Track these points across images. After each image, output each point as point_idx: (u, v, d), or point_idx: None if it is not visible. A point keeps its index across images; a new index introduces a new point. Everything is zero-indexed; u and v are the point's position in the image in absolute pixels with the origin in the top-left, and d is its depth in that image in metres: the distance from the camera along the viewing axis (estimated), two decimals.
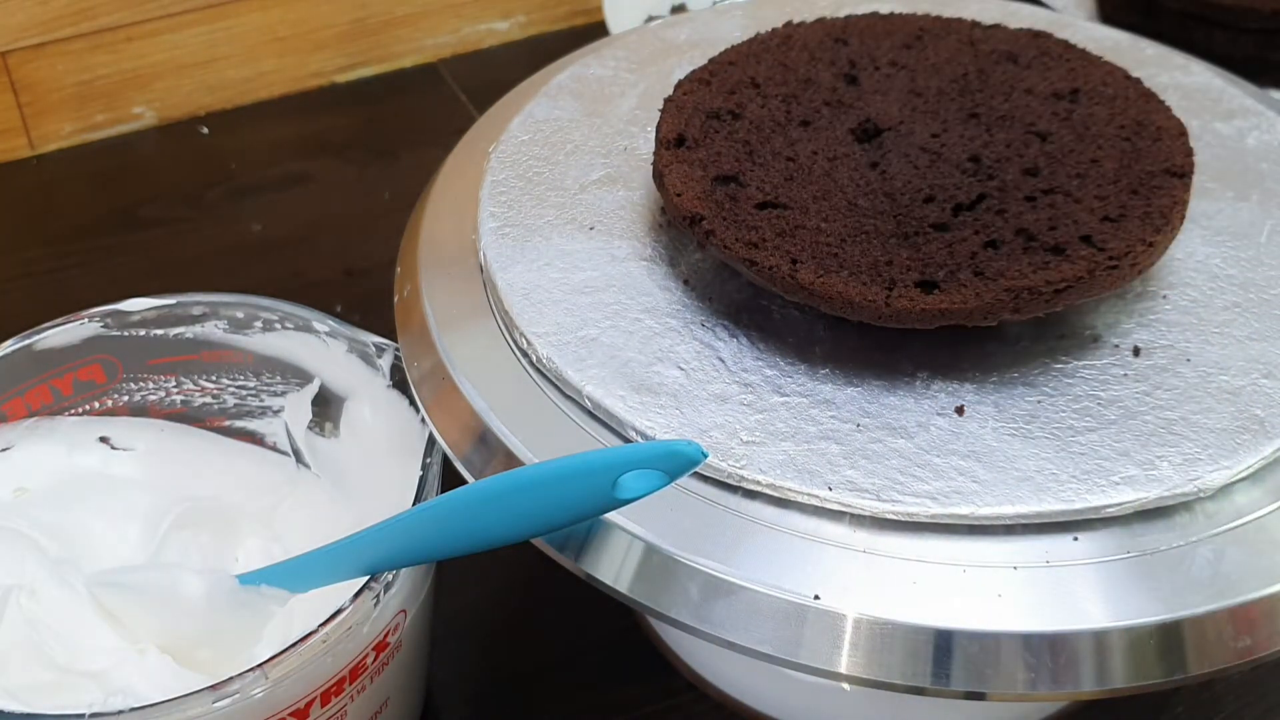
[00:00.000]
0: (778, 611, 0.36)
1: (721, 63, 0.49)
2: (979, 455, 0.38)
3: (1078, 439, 0.38)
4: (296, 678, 0.38)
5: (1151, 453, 0.38)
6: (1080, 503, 0.37)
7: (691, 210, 0.42)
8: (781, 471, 0.37)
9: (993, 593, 0.36)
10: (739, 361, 0.41)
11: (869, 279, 0.40)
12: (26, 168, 0.78)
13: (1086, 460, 0.38)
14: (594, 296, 0.43)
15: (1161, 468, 0.37)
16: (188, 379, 0.50)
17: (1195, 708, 0.49)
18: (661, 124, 0.46)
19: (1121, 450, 0.38)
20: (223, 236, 0.73)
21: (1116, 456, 0.38)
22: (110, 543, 0.47)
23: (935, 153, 0.44)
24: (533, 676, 0.51)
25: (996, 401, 0.40)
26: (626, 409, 0.39)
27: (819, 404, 0.40)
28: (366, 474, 0.48)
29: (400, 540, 0.38)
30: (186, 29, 0.79)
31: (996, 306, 0.39)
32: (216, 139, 0.80)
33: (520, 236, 0.46)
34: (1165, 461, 0.38)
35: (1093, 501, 0.37)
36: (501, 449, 0.40)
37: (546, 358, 0.41)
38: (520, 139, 0.51)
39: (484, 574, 0.52)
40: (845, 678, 0.36)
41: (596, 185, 0.48)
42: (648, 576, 0.37)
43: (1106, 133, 0.44)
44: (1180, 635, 0.35)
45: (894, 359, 0.41)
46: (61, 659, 0.42)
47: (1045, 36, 0.49)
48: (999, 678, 0.35)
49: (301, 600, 0.42)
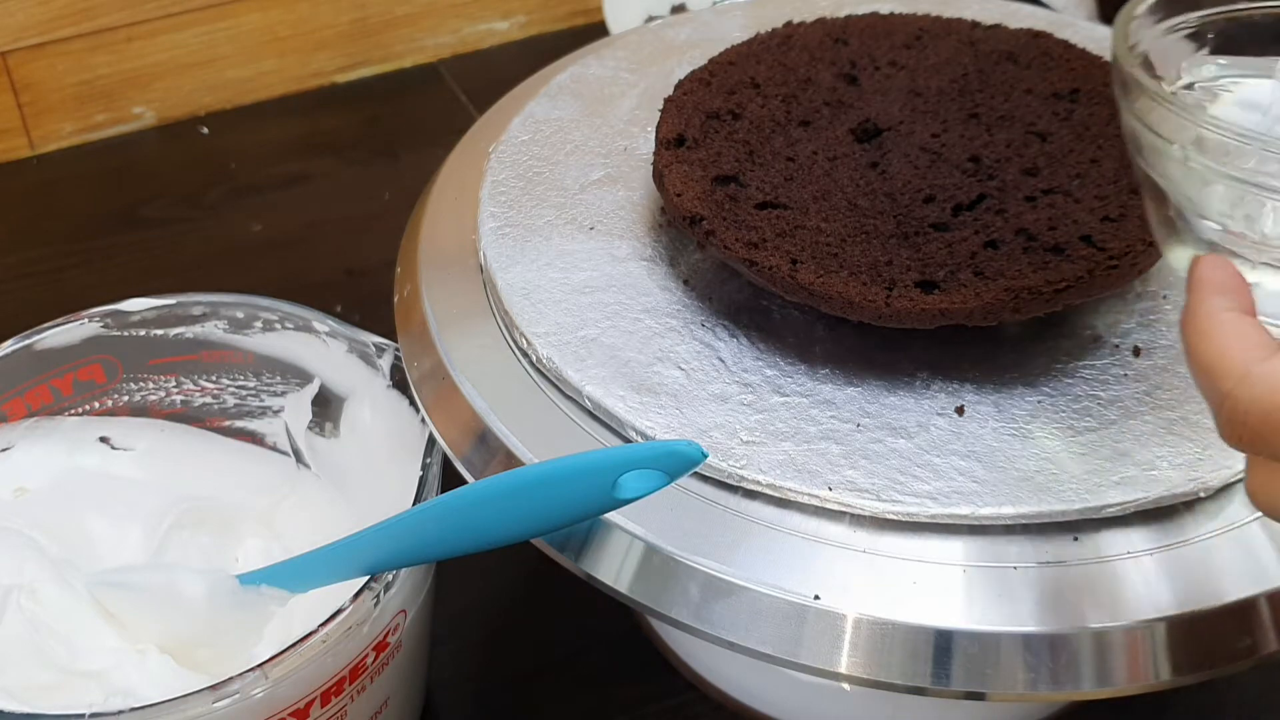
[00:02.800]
0: (778, 611, 0.36)
1: (721, 63, 0.49)
2: (979, 455, 0.38)
3: (1078, 439, 0.38)
4: (296, 678, 0.38)
5: (1151, 453, 0.38)
6: (1080, 503, 0.37)
7: (692, 210, 0.42)
8: (782, 471, 0.37)
9: (993, 593, 0.35)
10: (739, 361, 0.41)
11: (869, 279, 0.40)
12: (26, 168, 0.78)
13: (1087, 460, 0.38)
14: (594, 296, 0.43)
15: (1161, 468, 0.37)
16: (188, 379, 0.50)
17: (1195, 708, 0.49)
18: (661, 124, 0.46)
19: (1122, 450, 0.38)
20: (223, 236, 0.73)
21: (1117, 457, 0.38)
22: (110, 543, 0.47)
23: (935, 153, 0.44)
24: (533, 676, 0.51)
25: (996, 401, 0.40)
26: (627, 409, 0.39)
27: (819, 404, 0.40)
28: (366, 474, 0.48)
29: (400, 540, 0.38)
30: (186, 29, 0.79)
31: (997, 306, 0.39)
32: (216, 139, 0.80)
33: (520, 236, 0.46)
34: (1165, 461, 0.38)
35: (1093, 501, 0.37)
36: (501, 449, 0.40)
37: (546, 358, 0.41)
38: (520, 139, 0.51)
39: (484, 574, 0.52)
40: (845, 678, 0.36)
41: (596, 185, 0.48)
42: (648, 576, 0.37)
43: (1106, 133, 0.44)
44: (1180, 635, 0.35)
45: (894, 359, 0.41)
46: (61, 659, 0.42)
47: (1045, 36, 0.49)
48: (999, 678, 0.35)
49: (301, 600, 0.42)
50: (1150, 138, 0.32)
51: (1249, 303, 0.30)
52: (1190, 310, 0.30)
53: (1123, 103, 0.33)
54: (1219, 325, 0.29)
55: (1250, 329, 0.29)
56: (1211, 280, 0.31)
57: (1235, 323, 0.29)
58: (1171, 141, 0.32)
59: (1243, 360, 0.28)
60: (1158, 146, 0.32)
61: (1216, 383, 0.29)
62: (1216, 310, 0.30)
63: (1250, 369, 0.28)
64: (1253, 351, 0.29)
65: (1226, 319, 0.30)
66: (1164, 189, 0.33)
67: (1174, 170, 0.32)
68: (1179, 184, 0.32)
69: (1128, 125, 0.33)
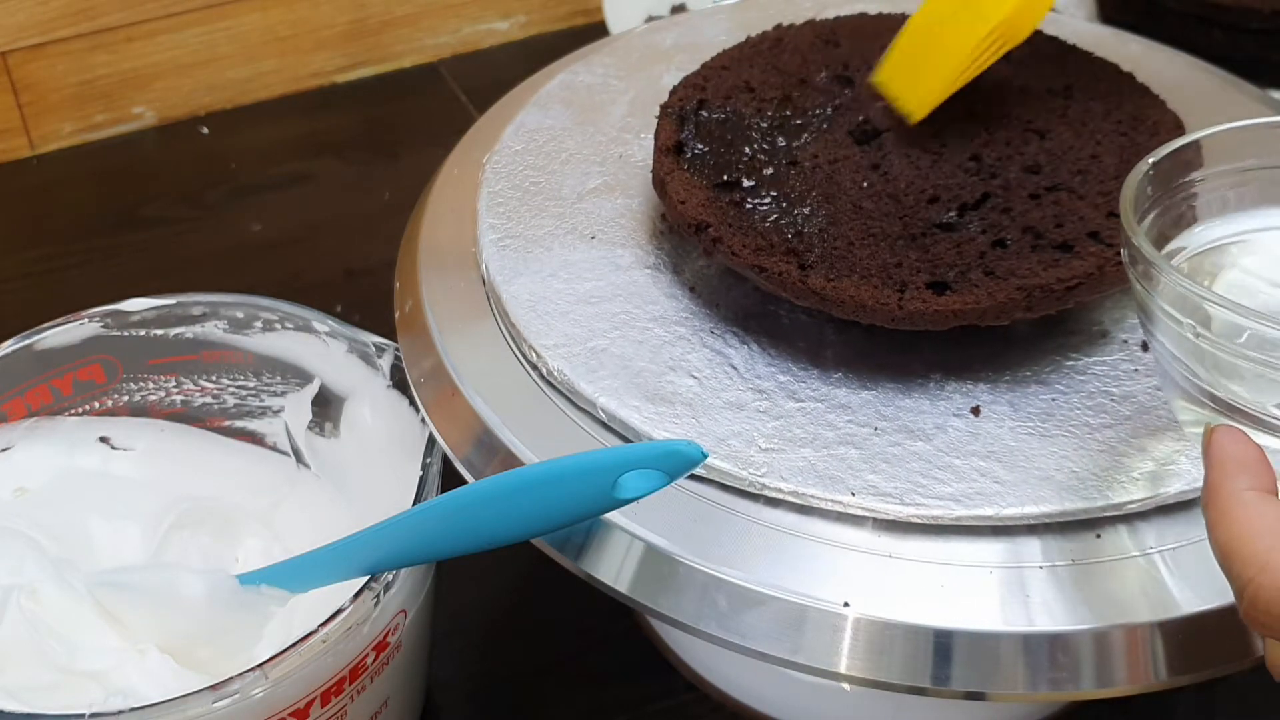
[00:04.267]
0: (779, 612, 0.36)
1: (714, 67, 0.49)
2: (999, 455, 0.38)
3: (1095, 435, 0.38)
4: (296, 678, 0.38)
5: (1169, 447, 0.38)
6: (1103, 500, 0.37)
7: (697, 218, 0.42)
8: (803, 478, 0.37)
9: (1014, 593, 0.36)
10: (751, 368, 0.41)
11: (880, 282, 0.39)
12: (26, 168, 0.78)
13: (1106, 457, 0.38)
14: (600, 306, 0.43)
15: (1180, 462, 0.37)
16: (188, 379, 0.50)
17: (1195, 708, 0.49)
18: (659, 131, 0.46)
19: (1139, 446, 0.38)
20: (223, 236, 0.73)
21: (1135, 453, 0.38)
22: (110, 543, 0.47)
23: (936, 153, 0.44)
24: (533, 676, 0.51)
25: (1011, 400, 0.40)
26: (642, 419, 0.39)
27: (835, 408, 0.40)
28: (366, 474, 0.48)
29: (400, 540, 0.38)
30: (186, 29, 0.79)
31: (1010, 306, 0.39)
32: (216, 139, 0.80)
33: (521, 248, 0.46)
34: (1183, 456, 0.38)
35: (1114, 499, 0.37)
36: (501, 449, 0.40)
37: (557, 370, 0.41)
38: (514, 149, 0.50)
39: (484, 574, 0.52)
40: (845, 677, 0.36)
41: (594, 194, 0.48)
42: (648, 576, 0.37)
43: (1104, 128, 0.44)
44: (1180, 635, 0.35)
45: (905, 361, 0.41)
46: (61, 659, 0.42)
47: (1035, 33, 0.49)
48: (999, 678, 0.35)
49: (301, 600, 0.42)
50: (1159, 312, 0.32)
51: (1269, 479, 0.30)
52: (1211, 490, 0.30)
53: (1130, 272, 0.33)
54: (1241, 507, 0.29)
55: (1272, 512, 0.29)
56: (1232, 458, 0.31)
57: (1257, 504, 0.29)
58: (1180, 320, 0.31)
59: (1266, 547, 0.29)
60: (1167, 322, 0.32)
61: (1239, 569, 0.29)
62: (1238, 491, 0.30)
63: (1271, 558, 0.28)
64: (1276, 539, 0.29)
65: (1248, 500, 0.30)
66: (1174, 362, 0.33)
67: (1185, 346, 0.32)
68: (1191, 359, 0.32)
69: (1137, 294, 0.33)
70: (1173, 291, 0.31)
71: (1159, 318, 0.32)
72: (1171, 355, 0.32)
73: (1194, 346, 0.31)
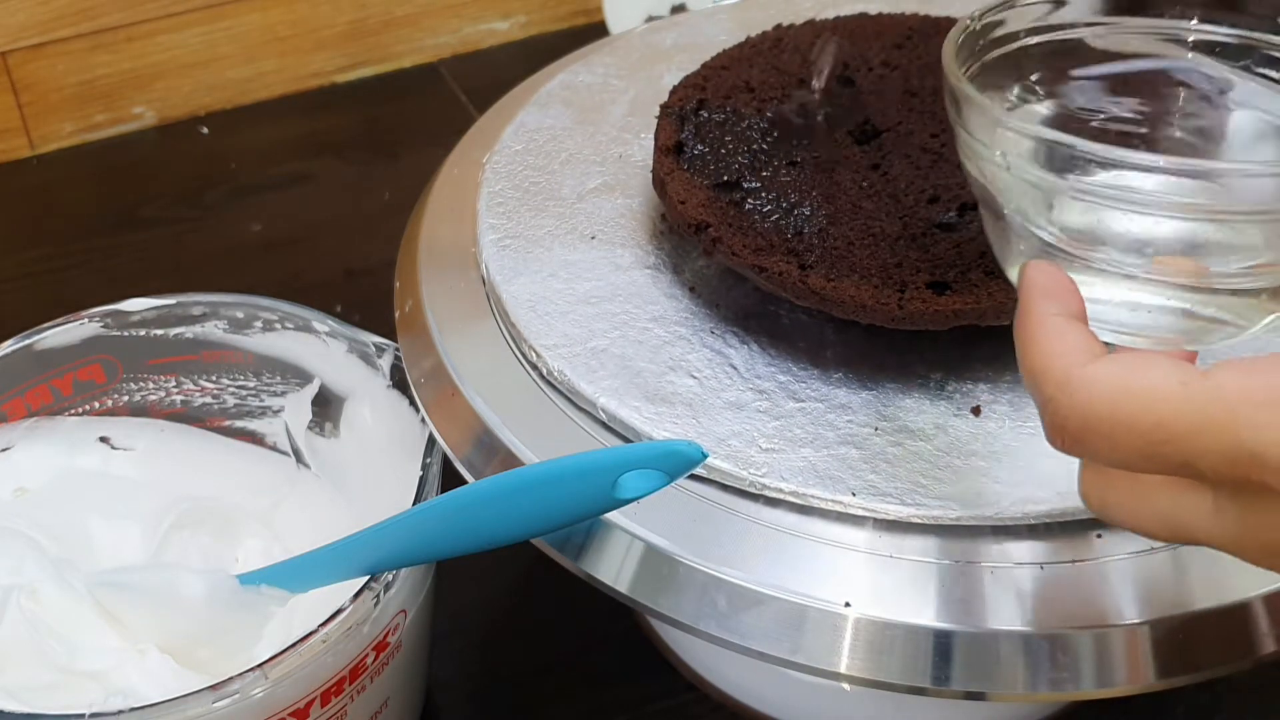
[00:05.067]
0: (779, 612, 0.36)
1: (714, 67, 0.49)
2: (999, 455, 0.38)
3: None
4: (296, 678, 0.38)
5: None
6: None
7: (697, 218, 0.42)
8: (804, 478, 0.37)
9: (1011, 592, 0.35)
10: (751, 368, 0.41)
11: (880, 282, 0.39)
12: (26, 168, 0.78)
13: None
14: (600, 306, 0.43)
15: None
16: (188, 379, 0.50)
17: (1195, 708, 0.49)
18: (659, 131, 0.46)
19: None
20: (223, 236, 0.73)
21: None
22: (110, 543, 0.47)
23: (936, 152, 0.44)
24: (533, 676, 0.51)
25: (1011, 400, 0.40)
26: (643, 420, 0.39)
27: (835, 408, 0.40)
28: (366, 474, 0.48)
29: (400, 540, 0.38)
30: (186, 29, 0.79)
31: (1010, 306, 0.39)
32: (216, 139, 0.80)
33: (521, 248, 0.46)
34: None
35: None
36: (501, 449, 0.40)
37: (558, 370, 0.41)
38: (514, 149, 0.50)
39: (484, 574, 0.52)
40: (846, 678, 0.36)
41: (594, 194, 0.48)
42: (648, 576, 0.37)
43: None
44: (1181, 635, 0.35)
45: (905, 360, 0.41)
46: (61, 659, 0.42)
47: None
48: (999, 678, 0.35)
49: (301, 600, 0.42)
50: (976, 146, 0.33)
51: (1078, 306, 0.30)
52: (1021, 314, 0.31)
53: (953, 117, 0.34)
54: (1045, 330, 0.29)
55: (1075, 333, 0.29)
56: (1039, 284, 0.31)
57: (1061, 327, 0.29)
58: (992, 149, 0.32)
59: (1064, 365, 0.28)
60: (981, 154, 0.33)
61: (1041, 387, 0.29)
62: (1045, 315, 0.30)
63: (1071, 374, 0.28)
64: (1075, 356, 0.28)
65: (1053, 324, 0.30)
66: (996, 200, 0.33)
67: (1000, 179, 0.32)
68: (1007, 193, 0.33)
69: (959, 137, 0.34)
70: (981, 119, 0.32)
71: (980, 155, 0.33)
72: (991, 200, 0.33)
73: (1009, 178, 0.32)
